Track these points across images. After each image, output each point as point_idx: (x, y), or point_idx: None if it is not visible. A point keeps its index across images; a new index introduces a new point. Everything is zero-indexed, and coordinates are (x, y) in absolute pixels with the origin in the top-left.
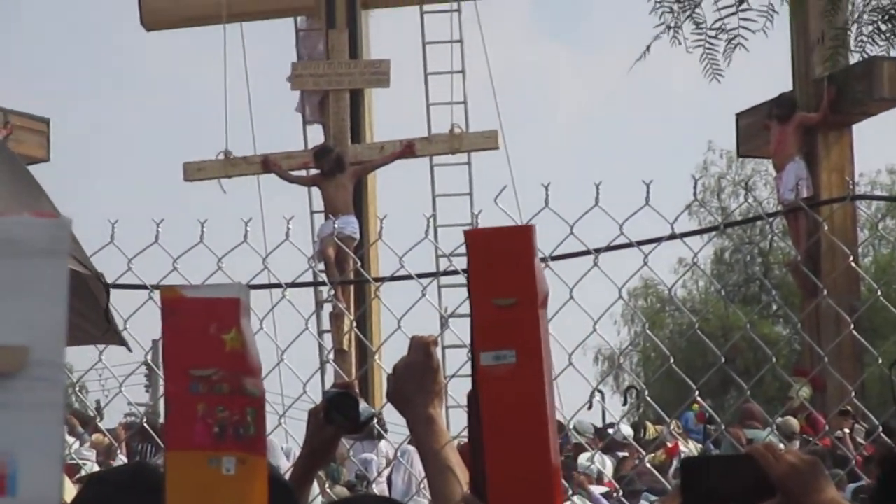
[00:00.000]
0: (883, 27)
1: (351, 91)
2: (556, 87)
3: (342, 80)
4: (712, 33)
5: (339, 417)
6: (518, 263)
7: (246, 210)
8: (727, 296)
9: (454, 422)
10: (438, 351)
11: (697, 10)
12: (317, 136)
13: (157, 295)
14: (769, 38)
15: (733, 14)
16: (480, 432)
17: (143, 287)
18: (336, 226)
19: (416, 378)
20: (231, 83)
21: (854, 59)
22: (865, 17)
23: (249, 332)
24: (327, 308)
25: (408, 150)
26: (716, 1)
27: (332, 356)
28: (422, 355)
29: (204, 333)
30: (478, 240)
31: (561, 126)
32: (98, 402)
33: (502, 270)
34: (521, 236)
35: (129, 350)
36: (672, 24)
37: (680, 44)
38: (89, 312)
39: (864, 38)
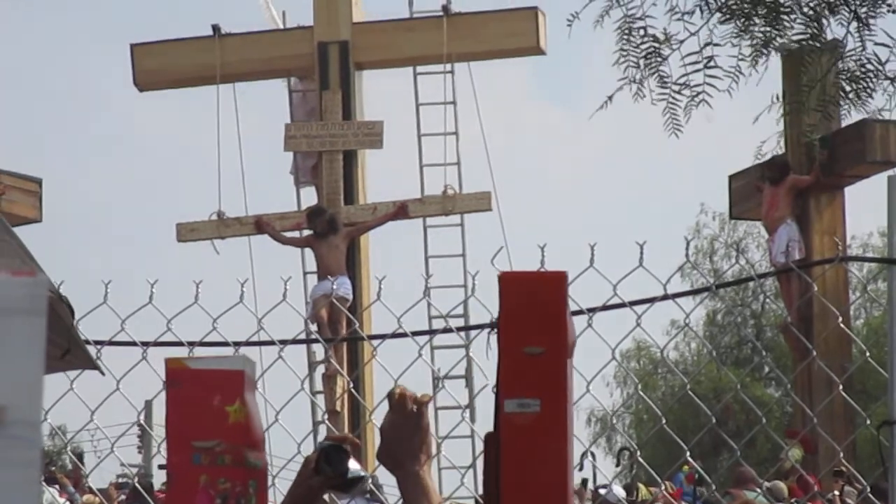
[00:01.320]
0: (847, 88)
1: (344, 152)
2: (550, 149)
3: (335, 142)
4: (676, 88)
5: (327, 469)
6: (550, 310)
7: (238, 270)
8: (719, 357)
9: (447, 483)
10: (430, 410)
11: (662, 67)
12: (310, 197)
13: (150, 354)
14: (766, 99)
15: (698, 71)
16: (496, 479)
17: (135, 345)
18: (330, 287)
19: (405, 437)
20: (224, 144)
21: (840, 120)
22: (831, 77)
23: (253, 405)
24: (320, 370)
25: (401, 211)
26: (682, 58)
27: (325, 417)
28: (408, 413)
29: (207, 405)
30: (512, 283)
31: (555, 187)
32: (80, 453)
33: (534, 317)
34: (555, 283)
35: (102, 374)
36: (635, 79)
37: (643, 97)
38: (55, 337)
39: (827, 99)
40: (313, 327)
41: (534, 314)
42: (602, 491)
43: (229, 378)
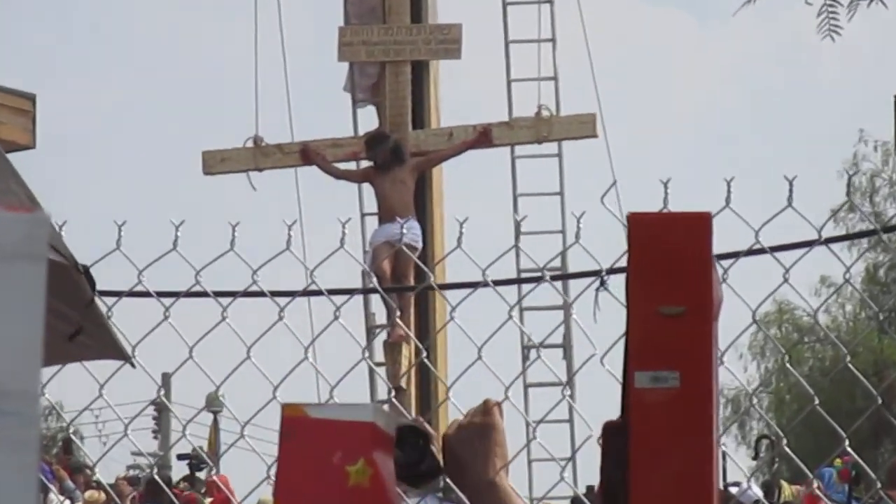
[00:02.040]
0: None
1: (413, 63)
2: (669, 63)
3: (402, 50)
4: None
5: (399, 456)
6: (691, 261)
7: (282, 210)
8: (882, 323)
9: (541, 478)
10: (518, 387)
11: None
12: (369, 119)
13: (173, 313)
14: None
15: None
16: (622, 473)
17: (158, 296)
18: (396, 231)
19: (473, 442)
20: (263, 52)
21: None
22: None
23: (385, 466)
24: (382, 336)
25: (483, 137)
26: None
27: (392, 395)
28: (479, 416)
29: (326, 462)
30: (643, 228)
31: (677, 111)
32: (69, 440)
33: (672, 268)
34: (697, 225)
35: (133, 366)
36: None
37: None
38: (66, 310)
39: None
40: (374, 281)
41: (672, 265)
42: (734, 490)
43: (354, 431)
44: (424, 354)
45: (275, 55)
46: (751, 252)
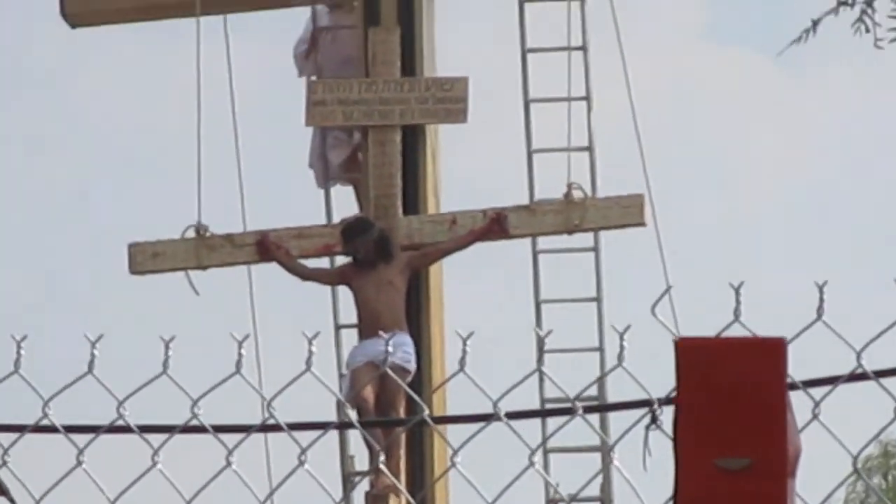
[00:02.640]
0: None
1: (404, 129)
2: (738, 119)
3: (390, 111)
4: None
5: None
6: (759, 400)
7: (229, 323)
8: None
9: None
10: None
11: None
12: (346, 202)
13: (87, 458)
14: None
15: None
16: None
17: (77, 430)
18: (381, 349)
19: None
20: (207, 115)
21: None
22: None
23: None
24: (362, 486)
25: (496, 225)
26: None
27: None
28: None
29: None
30: (697, 356)
31: (744, 181)
32: None
33: (733, 410)
34: (769, 355)
35: None
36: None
37: (868, 31)
38: None
39: None
40: (352, 414)
41: (733, 405)
42: None
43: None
44: None
45: (222, 119)
46: (852, 378)
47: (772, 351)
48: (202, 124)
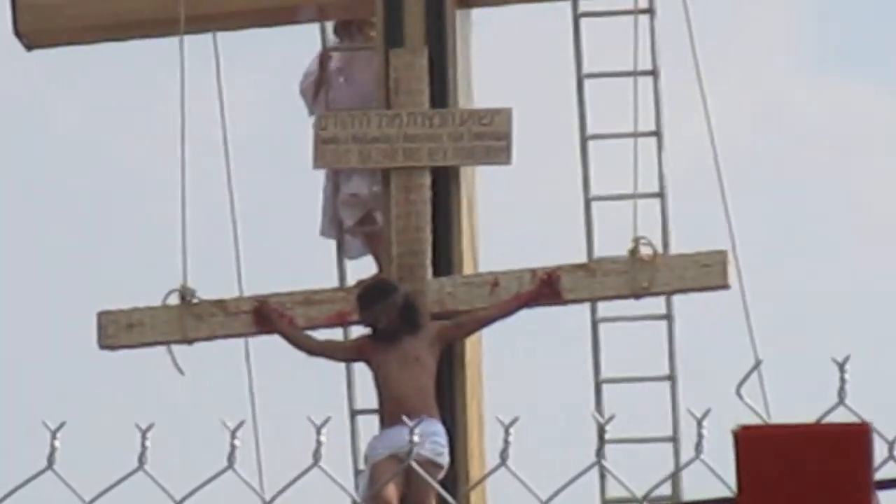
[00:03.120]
0: None
1: (434, 171)
2: (849, 163)
3: (417, 151)
4: None
5: None
6: (841, 496)
7: (224, 406)
8: None
9: None
10: None
11: None
12: (364, 261)
13: None
14: None
15: None
16: None
17: None
18: (405, 439)
19: None
20: (195, 156)
21: None
22: None
23: None
24: None
25: (546, 288)
26: None
27: None
28: None
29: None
30: (758, 449)
31: (858, 239)
32: None
33: None
34: (848, 446)
35: None
36: None
37: None
38: None
39: None
40: None
41: (800, 500)
42: None
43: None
44: None
45: (212, 161)
46: None
47: (854, 441)
48: (188, 167)
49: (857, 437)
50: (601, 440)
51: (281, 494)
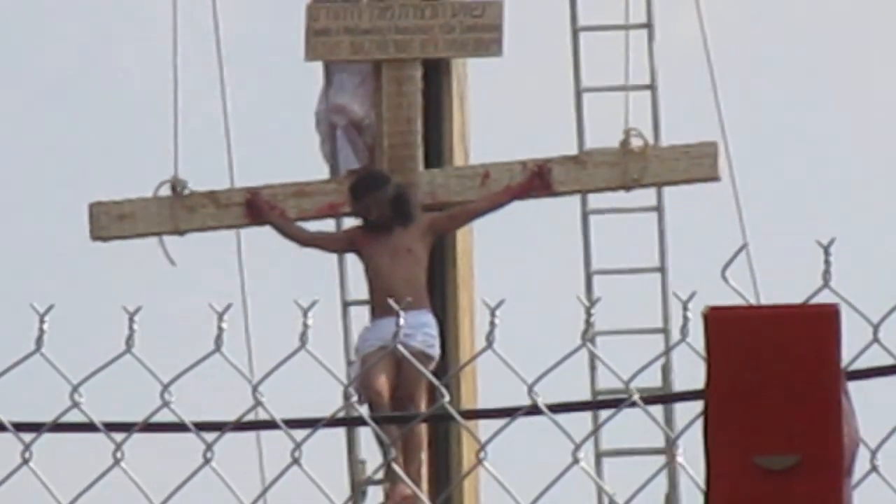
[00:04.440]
0: None
1: (425, 63)
2: (847, 51)
3: (409, 43)
4: None
5: None
6: (807, 383)
7: (216, 292)
8: None
9: None
10: None
11: None
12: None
13: (36, 452)
14: None
15: None
16: None
17: (25, 428)
18: (397, 330)
19: None
20: (186, 45)
21: None
22: None
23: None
24: (374, 494)
25: (537, 180)
26: None
27: None
28: None
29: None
30: (728, 331)
31: (852, 130)
32: None
33: (776, 396)
34: (816, 326)
35: None
36: None
37: None
38: None
39: None
40: (362, 409)
41: (775, 390)
42: None
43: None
44: None
45: (204, 50)
46: None
47: (823, 322)
48: (179, 57)
49: (825, 319)
50: (587, 325)
51: (267, 378)
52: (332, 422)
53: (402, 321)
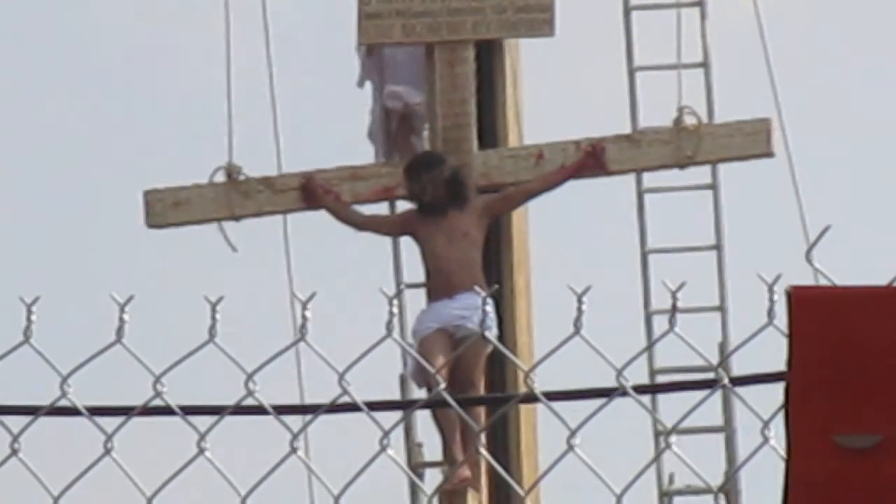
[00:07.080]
0: None
1: (479, 45)
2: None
3: (461, 25)
4: None
5: None
6: (891, 365)
7: (269, 278)
8: None
9: None
10: None
11: None
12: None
13: (118, 441)
14: None
15: None
16: None
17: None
18: (453, 313)
19: None
20: (238, 36)
21: None
22: None
23: None
24: (432, 478)
25: (591, 160)
26: None
27: None
28: None
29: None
30: (812, 310)
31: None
32: None
33: (860, 377)
34: None
35: None
36: None
37: None
38: None
39: None
40: (419, 391)
41: (859, 369)
42: None
43: None
44: None
45: (254, 39)
46: None
47: None
48: (232, 47)
49: None
50: (647, 310)
51: (263, 368)
52: (392, 405)
53: (464, 311)
